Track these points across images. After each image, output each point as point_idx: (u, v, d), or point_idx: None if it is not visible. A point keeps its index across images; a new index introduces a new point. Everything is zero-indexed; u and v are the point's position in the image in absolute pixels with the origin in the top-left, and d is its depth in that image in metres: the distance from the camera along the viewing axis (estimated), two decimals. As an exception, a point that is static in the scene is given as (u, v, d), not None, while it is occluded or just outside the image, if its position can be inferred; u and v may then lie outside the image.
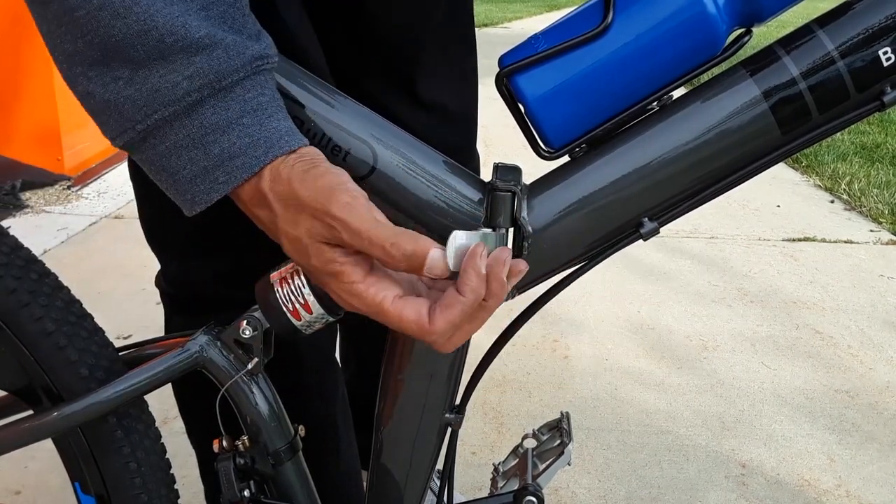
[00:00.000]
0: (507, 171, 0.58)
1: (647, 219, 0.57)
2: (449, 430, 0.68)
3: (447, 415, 0.67)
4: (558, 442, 0.75)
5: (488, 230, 0.51)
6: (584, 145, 0.58)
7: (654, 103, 0.56)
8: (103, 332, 0.70)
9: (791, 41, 0.54)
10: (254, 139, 0.48)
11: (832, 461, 1.61)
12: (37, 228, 2.63)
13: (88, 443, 0.69)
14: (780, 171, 3.57)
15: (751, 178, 0.56)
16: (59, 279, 0.69)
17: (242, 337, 0.66)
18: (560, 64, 0.55)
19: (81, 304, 0.70)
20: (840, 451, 1.64)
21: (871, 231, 2.89)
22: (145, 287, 2.19)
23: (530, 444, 0.78)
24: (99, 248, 2.52)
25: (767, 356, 2.01)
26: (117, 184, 3.09)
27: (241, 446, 0.69)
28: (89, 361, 0.67)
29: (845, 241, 2.78)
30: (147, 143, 0.48)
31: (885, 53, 0.52)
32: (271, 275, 0.63)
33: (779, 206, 3.12)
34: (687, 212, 0.58)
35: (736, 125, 0.54)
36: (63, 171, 2.99)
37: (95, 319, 0.70)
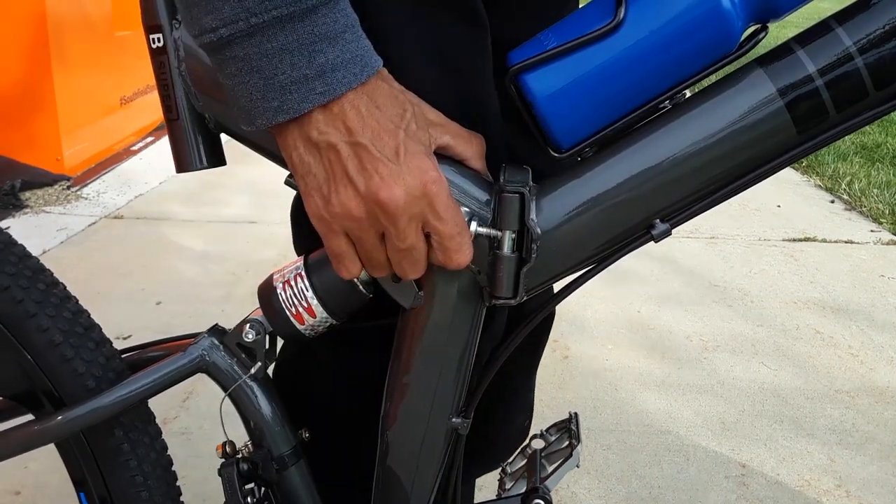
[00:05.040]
0: (516, 172, 0.57)
1: (658, 220, 0.55)
2: (455, 434, 0.67)
3: (454, 419, 0.66)
4: (566, 443, 0.74)
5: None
6: (594, 145, 0.56)
7: (667, 102, 0.55)
8: (110, 342, 0.70)
9: (808, 37, 0.52)
10: (353, 54, 0.49)
11: (832, 461, 1.61)
12: (36, 228, 2.63)
13: (94, 454, 0.69)
14: (780, 171, 3.56)
15: (765, 178, 0.55)
16: (67, 289, 0.68)
17: (245, 341, 0.65)
18: (570, 62, 0.53)
19: (89, 315, 0.69)
20: (840, 452, 1.64)
21: (872, 231, 2.89)
22: (144, 287, 2.19)
23: (538, 444, 0.77)
24: (98, 248, 2.52)
25: (767, 356, 2.01)
26: (117, 184, 3.08)
27: (244, 451, 0.68)
28: (96, 374, 0.66)
29: (846, 242, 2.78)
30: (252, 40, 0.47)
31: None
32: (274, 276, 0.62)
33: (779, 206, 3.12)
34: (699, 213, 0.56)
35: (751, 124, 0.53)
36: (63, 171, 2.98)
37: (94, 319, 0.70)
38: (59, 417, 0.65)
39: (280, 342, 0.68)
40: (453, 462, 0.69)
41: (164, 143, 2.01)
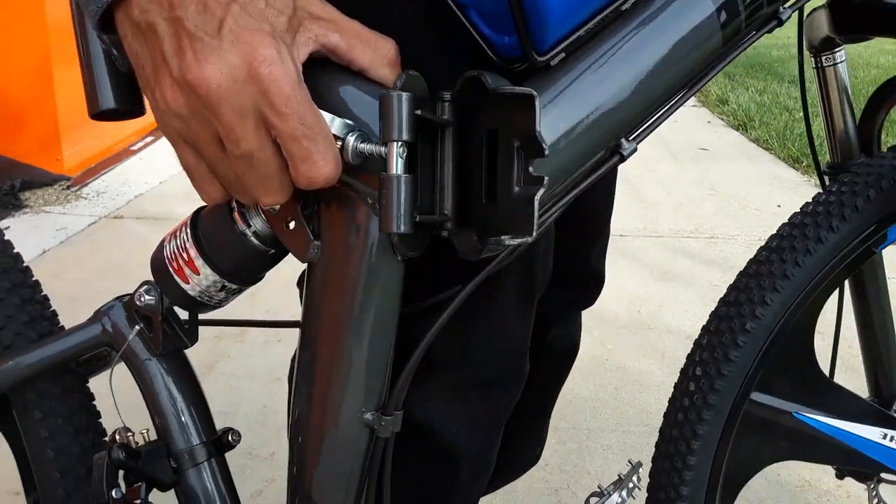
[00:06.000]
0: (496, 79, 0.44)
1: (624, 139, 0.50)
2: (374, 437, 0.52)
3: (367, 414, 0.51)
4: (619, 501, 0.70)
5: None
6: (562, 53, 0.47)
7: (625, 4, 0.49)
8: (50, 318, 0.65)
9: None
10: None
11: (832, 461, 1.61)
12: (36, 228, 2.63)
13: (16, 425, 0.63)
14: (780, 171, 3.56)
15: (692, 95, 0.55)
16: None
17: (138, 304, 0.55)
18: None
19: (42, 296, 0.64)
20: (840, 452, 1.64)
21: (872, 231, 2.89)
22: (145, 287, 2.19)
23: (594, 502, 0.73)
24: (98, 248, 2.52)
25: (767, 356, 2.01)
26: (116, 184, 3.08)
27: (133, 440, 0.57)
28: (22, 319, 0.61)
29: (845, 241, 2.78)
30: None
31: None
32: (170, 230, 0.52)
33: (779, 206, 3.12)
34: (654, 128, 0.53)
35: (692, 33, 0.52)
36: (62, 171, 2.98)
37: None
38: None
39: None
40: (379, 470, 0.55)
41: (164, 143, 2.02)
